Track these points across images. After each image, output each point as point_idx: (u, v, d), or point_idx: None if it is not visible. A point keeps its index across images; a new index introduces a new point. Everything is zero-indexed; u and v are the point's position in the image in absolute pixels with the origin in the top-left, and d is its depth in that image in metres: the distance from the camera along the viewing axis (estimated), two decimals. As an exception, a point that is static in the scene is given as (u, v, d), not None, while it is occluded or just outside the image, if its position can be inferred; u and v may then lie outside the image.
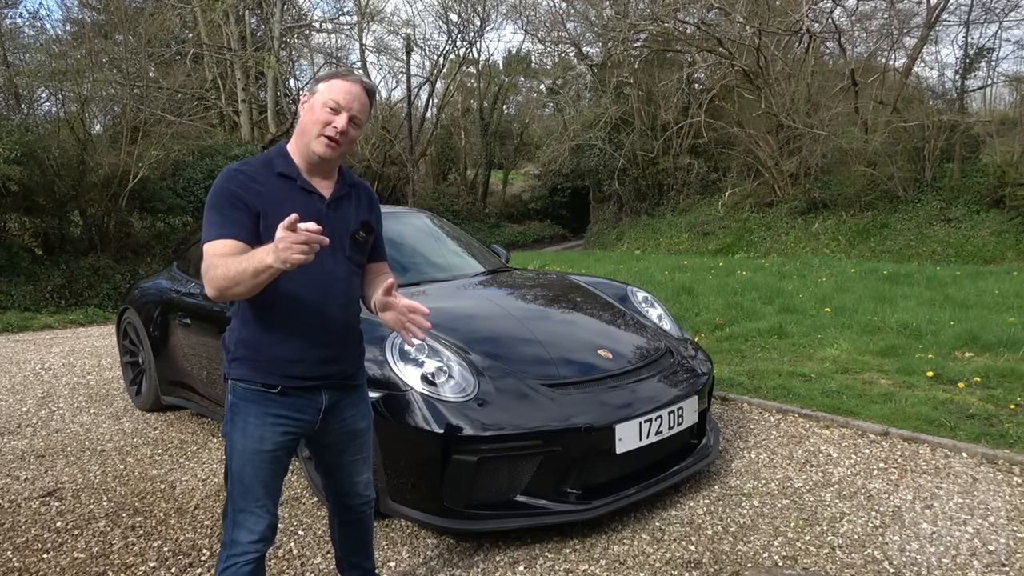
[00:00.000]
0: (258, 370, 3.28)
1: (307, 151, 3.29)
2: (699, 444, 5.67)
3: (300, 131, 3.33)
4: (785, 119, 30.07)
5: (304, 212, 3.12)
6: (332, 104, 3.25)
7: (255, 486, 3.30)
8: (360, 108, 3.31)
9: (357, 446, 3.61)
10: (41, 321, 16.25)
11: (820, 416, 7.00)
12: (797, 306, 11.83)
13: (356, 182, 3.54)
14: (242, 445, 3.28)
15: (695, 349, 6.26)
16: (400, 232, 7.44)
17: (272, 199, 3.20)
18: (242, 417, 3.30)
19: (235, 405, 3.32)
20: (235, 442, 3.30)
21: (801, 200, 30.20)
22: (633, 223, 38.46)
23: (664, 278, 15.66)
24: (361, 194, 3.54)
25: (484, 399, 4.76)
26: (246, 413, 3.29)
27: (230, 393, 3.34)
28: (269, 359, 3.27)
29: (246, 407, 3.29)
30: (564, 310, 6.39)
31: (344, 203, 3.41)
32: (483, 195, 53.73)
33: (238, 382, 3.31)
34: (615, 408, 4.96)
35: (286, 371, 3.28)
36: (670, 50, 36.41)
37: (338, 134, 3.25)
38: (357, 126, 3.33)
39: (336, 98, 3.25)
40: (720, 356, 9.34)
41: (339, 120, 3.25)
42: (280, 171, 3.29)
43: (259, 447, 3.27)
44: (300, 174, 3.31)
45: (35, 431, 7.94)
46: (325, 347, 3.35)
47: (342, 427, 3.52)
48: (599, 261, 22.60)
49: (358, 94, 3.30)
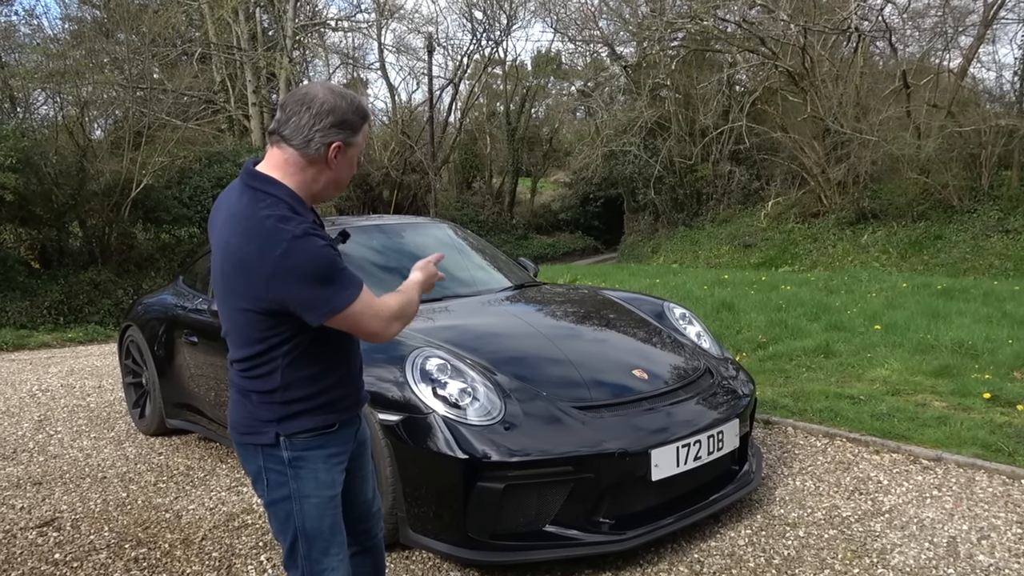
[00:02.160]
0: (316, 417, 3.21)
1: (324, 197, 3.22)
2: (740, 471, 5.65)
3: (335, 183, 3.19)
4: (832, 123, 29.92)
5: None
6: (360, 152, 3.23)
7: (336, 535, 3.28)
8: None
9: (363, 461, 3.59)
10: (38, 339, 16.28)
11: (869, 441, 6.96)
12: (845, 323, 11.78)
13: None
14: (318, 497, 3.22)
15: (736, 369, 6.25)
16: (421, 244, 7.43)
17: None
18: (311, 468, 3.21)
19: (298, 459, 3.21)
20: (307, 498, 3.21)
21: (849, 210, 30.05)
22: (670, 235, 38.42)
23: (703, 293, 15.62)
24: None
25: (511, 422, 4.76)
26: (315, 462, 3.22)
27: (286, 450, 3.20)
28: (326, 403, 3.22)
29: (314, 456, 3.22)
30: (596, 328, 6.39)
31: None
32: (510, 205, 53.78)
33: (299, 435, 3.20)
34: (651, 432, 4.95)
35: (339, 408, 3.26)
36: (709, 50, 36.44)
37: None
38: None
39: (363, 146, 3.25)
40: (763, 376, 9.31)
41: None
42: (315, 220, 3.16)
43: (333, 492, 3.26)
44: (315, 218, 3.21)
45: (32, 456, 7.95)
46: (360, 374, 3.38)
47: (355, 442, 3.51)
48: (633, 275, 22.57)
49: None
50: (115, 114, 23.88)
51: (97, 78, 21.18)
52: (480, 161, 55.98)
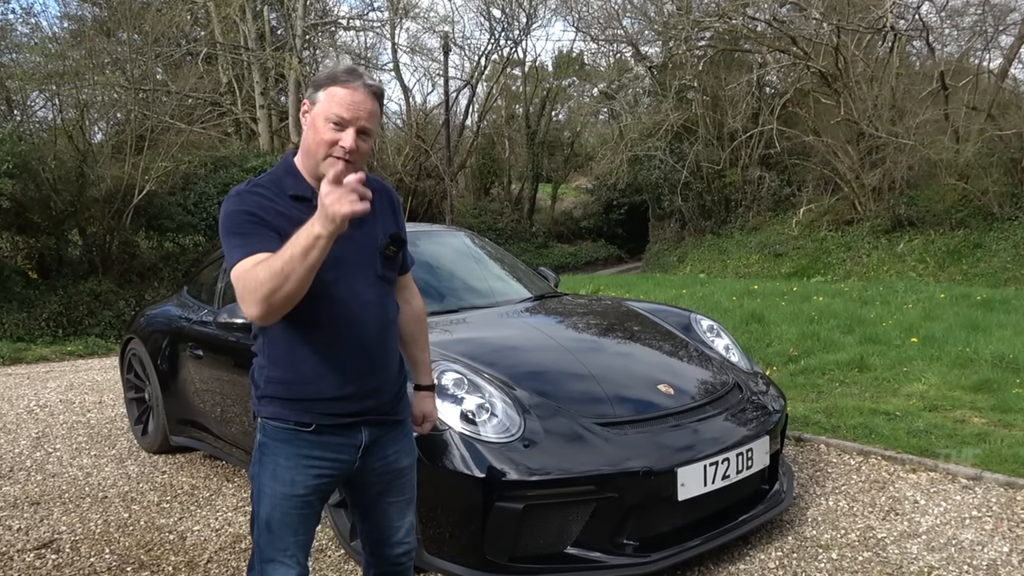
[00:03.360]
0: (291, 408, 3.22)
1: (317, 172, 3.18)
2: (771, 490, 5.64)
3: (305, 150, 3.25)
4: (867, 127, 29.82)
5: None
6: (335, 119, 3.14)
7: (284, 534, 3.27)
8: (368, 116, 3.19)
9: (399, 487, 3.52)
10: (36, 352, 16.36)
11: (906, 459, 6.94)
12: (880, 336, 11.75)
13: (374, 188, 3.34)
14: (271, 489, 3.24)
15: (766, 384, 6.24)
16: (437, 253, 7.44)
17: (288, 221, 3.08)
18: (272, 458, 3.25)
19: (264, 445, 3.28)
20: (264, 485, 3.26)
21: (885, 217, 29.94)
22: (697, 243, 38.36)
23: (732, 304, 15.60)
24: (383, 201, 3.45)
25: (530, 440, 4.76)
26: (276, 454, 3.25)
27: (259, 431, 3.30)
28: (302, 397, 3.22)
29: (277, 447, 3.25)
30: (620, 340, 6.39)
31: (368, 216, 3.18)
32: (529, 212, 53.75)
33: (268, 420, 3.27)
34: (677, 450, 4.94)
35: (321, 408, 3.22)
36: (739, 50, 36.38)
37: (347, 154, 3.13)
38: (368, 137, 3.22)
39: (338, 111, 3.14)
40: (794, 391, 9.29)
41: (346, 138, 3.14)
42: (293, 193, 3.23)
43: (290, 491, 3.24)
44: (315, 193, 3.04)
45: (29, 475, 7.97)
46: (362, 379, 3.27)
47: (383, 466, 3.43)
48: (659, 285, 22.54)
49: (362, 101, 3.17)
50: (116, 117, 23.82)
51: (98, 79, 21.19)
52: (498, 166, 55.96)
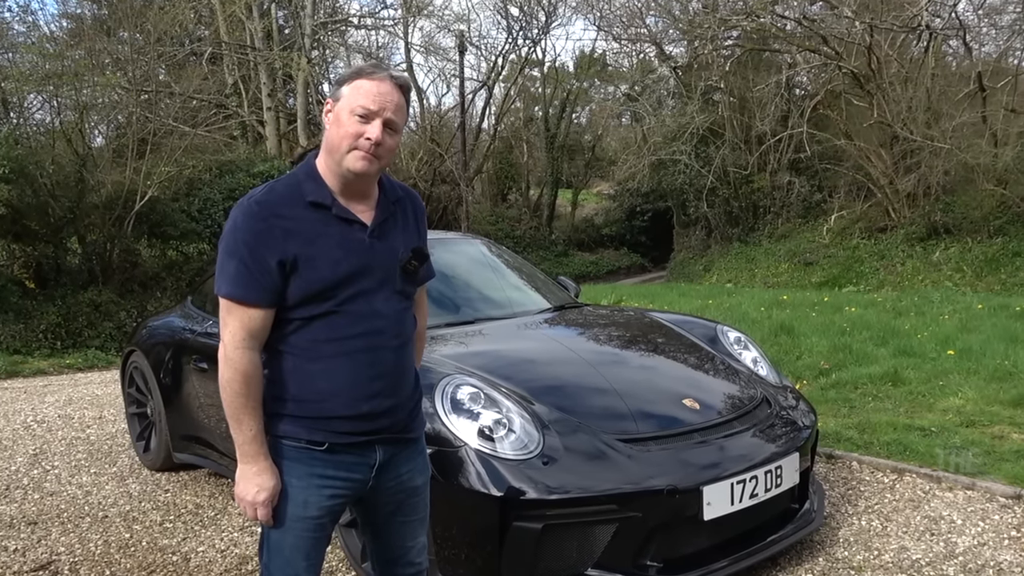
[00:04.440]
0: (302, 426, 3.20)
1: (341, 170, 3.19)
2: (800, 509, 5.63)
3: (328, 147, 3.22)
4: (901, 130, 29.74)
5: (343, 247, 3.13)
6: (360, 111, 3.13)
7: (295, 558, 3.25)
8: (395, 109, 3.19)
9: (412, 506, 3.52)
10: (33, 366, 16.37)
11: (942, 476, 6.92)
12: (915, 348, 11.73)
13: (399, 196, 3.45)
14: (282, 511, 3.22)
15: (796, 398, 6.23)
16: (452, 263, 7.44)
17: (304, 236, 3.12)
18: (285, 477, 3.23)
19: (276, 464, 3.24)
20: (276, 504, 3.23)
21: (919, 224, 29.85)
22: (724, 251, 38.33)
23: (760, 315, 15.61)
24: (407, 210, 3.45)
25: (550, 456, 4.76)
26: (288, 474, 3.22)
27: (272, 448, 3.25)
28: (315, 415, 3.20)
29: (288, 467, 3.22)
30: (643, 353, 6.38)
31: (390, 227, 3.31)
32: (548, 219, 53.82)
33: (278, 438, 3.23)
34: (702, 467, 4.94)
35: (334, 427, 3.20)
36: (767, 49, 36.33)
37: (373, 146, 3.13)
38: (394, 131, 3.22)
39: (364, 103, 3.14)
40: (825, 406, 9.27)
41: (371, 129, 3.13)
42: (312, 199, 3.19)
43: (302, 513, 3.22)
44: (335, 199, 3.21)
45: (26, 494, 7.97)
46: (378, 398, 3.26)
47: (396, 485, 3.43)
48: (684, 295, 22.55)
49: (389, 92, 3.18)
50: (117, 120, 23.83)
51: (98, 80, 21.23)
52: (516, 171, 56.02)
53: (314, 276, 3.09)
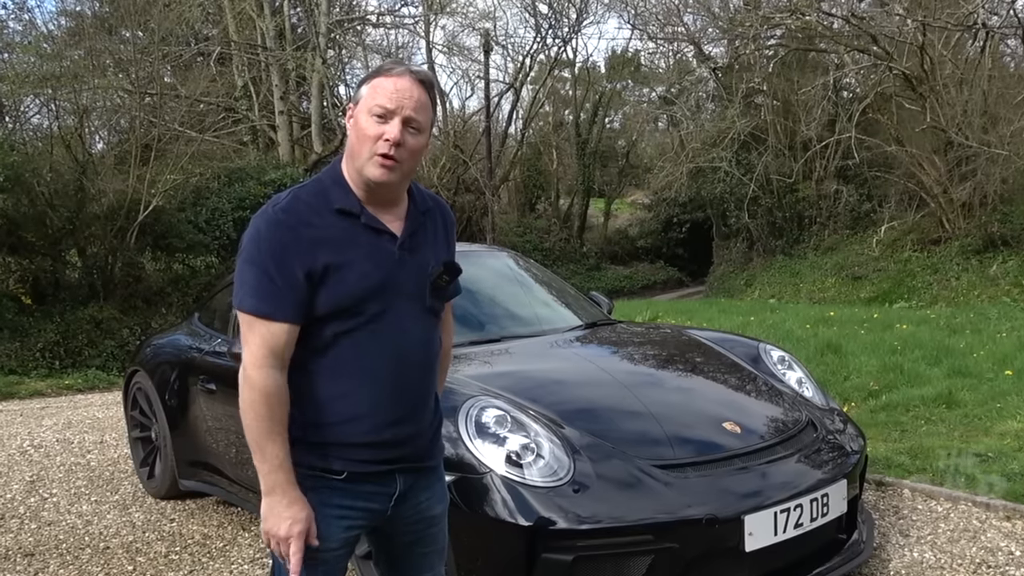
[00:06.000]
0: (318, 453, 3.16)
1: (362, 179, 3.12)
2: (848, 540, 5.61)
3: (349, 153, 3.16)
4: (956, 135, 29.54)
5: (372, 259, 3.09)
6: (378, 110, 3.05)
7: None
8: (416, 106, 3.09)
9: (431, 536, 3.49)
10: (30, 387, 16.36)
11: (999, 505, 6.90)
12: (971, 368, 11.69)
13: (429, 207, 3.39)
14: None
15: (843, 422, 6.22)
16: (476, 277, 7.39)
17: (333, 245, 3.07)
18: None
19: None
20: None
21: (975, 236, 29.65)
22: (766, 265, 38.22)
23: (805, 333, 15.57)
24: (436, 221, 3.40)
25: (581, 484, 4.76)
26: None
27: None
28: (332, 442, 3.16)
29: (308, 498, 3.15)
30: (680, 373, 6.39)
31: (420, 239, 3.26)
32: (580, 230, 53.73)
33: (295, 466, 3.15)
34: (744, 495, 4.94)
35: (353, 455, 3.17)
36: (813, 49, 36.24)
37: (392, 147, 3.03)
38: (417, 131, 3.12)
39: (381, 101, 3.06)
40: (875, 430, 9.24)
41: (390, 129, 3.04)
42: (339, 206, 3.12)
43: (324, 545, 3.17)
44: (363, 207, 3.14)
45: (22, 523, 7.98)
46: (401, 424, 3.24)
47: (414, 514, 3.39)
48: (724, 312, 22.52)
49: (408, 89, 3.08)
50: (119, 124, 23.93)
51: (98, 82, 21.27)
52: (545, 179, 55.97)
53: (342, 289, 3.05)
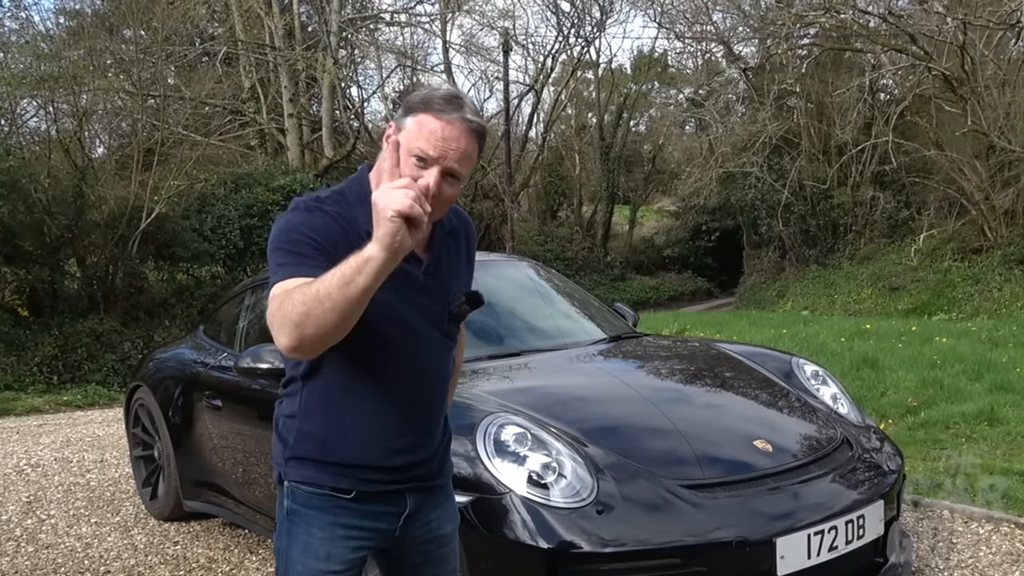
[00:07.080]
0: (326, 471, 3.16)
1: None
2: (885, 563, 5.58)
3: (379, 172, 3.11)
4: (998, 139, 29.43)
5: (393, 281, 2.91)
6: (419, 152, 2.91)
7: None
8: (459, 158, 2.95)
9: (442, 556, 3.49)
10: (27, 403, 16.39)
11: (1046, 528, 6.89)
12: (1014, 383, 11.65)
13: (454, 226, 3.34)
14: (303, 565, 3.19)
15: (880, 439, 6.21)
16: (495, 288, 7.38)
17: None
18: (304, 528, 3.19)
19: (294, 513, 3.21)
20: (292, 560, 3.21)
21: (1019, 245, 29.54)
22: (799, 275, 38.19)
23: (840, 347, 15.55)
24: (460, 241, 3.37)
25: (605, 505, 4.75)
26: (310, 524, 3.18)
27: (287, 498, 3.24)
28: (340, 461, 3.16)
29: (310, 516, 3.18)
30: (709, 389, 6.39)
31: (444, 263, 3.22)
32: (603, 239, 53.77)
33: (300, 484, 3.19)
34: (775, 517, 4.93)
35: (363, 475, 3.17)
36: (848, 49, 36.21)
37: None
38: (456, 181, 3.00)
39: (424, 146, 2.91)
40: (913, 448, 9.22)
41: (427, 177, 2.89)
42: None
43: (325, 567, 3.18)
44: None
45: (19, 546, 7.97)
46: (413, 449, 3.26)
47: (424, 534, 3.39)
48: (755, 324, 22.51)
49: (456, 139, 2.94)
50: (121, 128, 23.95)
51: (99, 83, 21.33)
52: (567, 185, 56.05)
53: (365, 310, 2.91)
